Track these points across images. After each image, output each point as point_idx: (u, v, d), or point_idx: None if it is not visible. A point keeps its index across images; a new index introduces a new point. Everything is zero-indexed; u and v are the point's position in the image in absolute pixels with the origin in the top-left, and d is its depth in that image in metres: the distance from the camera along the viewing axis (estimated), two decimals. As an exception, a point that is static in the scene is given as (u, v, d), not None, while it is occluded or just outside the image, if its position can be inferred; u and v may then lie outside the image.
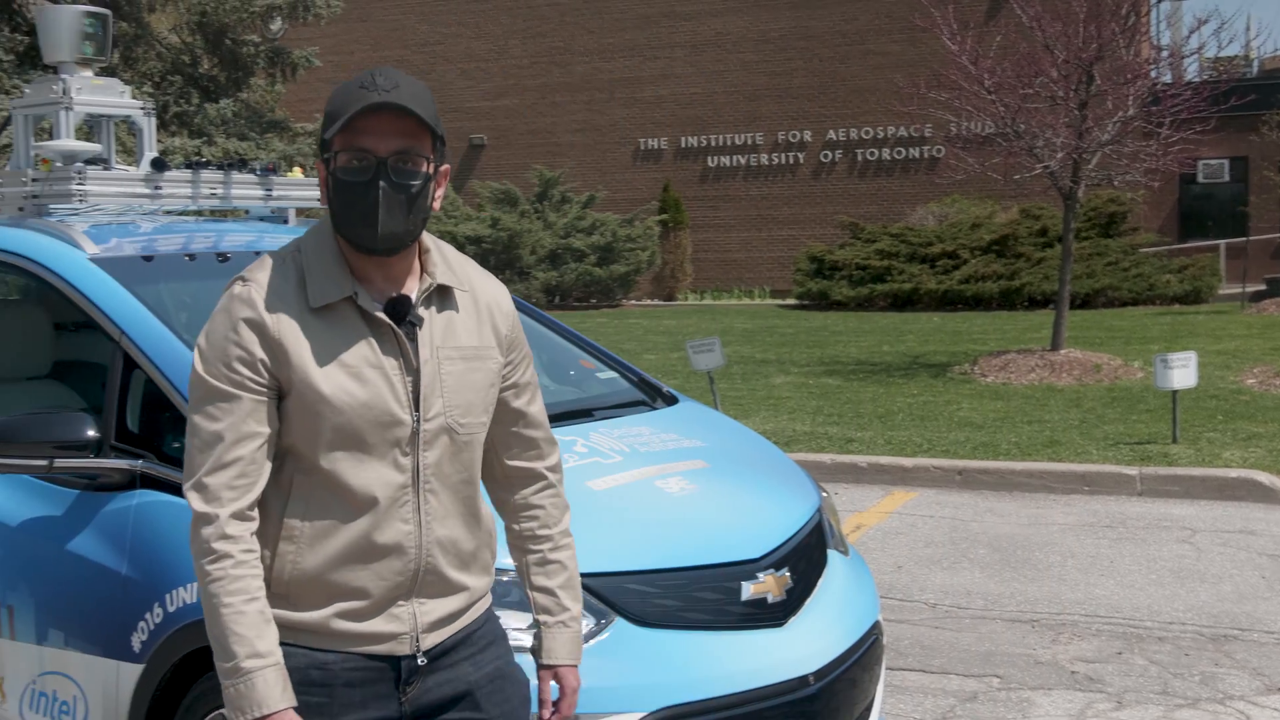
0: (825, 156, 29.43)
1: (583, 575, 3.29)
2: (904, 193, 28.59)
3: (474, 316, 2.47)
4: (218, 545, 2.29)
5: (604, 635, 3.28)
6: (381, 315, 2.35)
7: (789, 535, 3.80)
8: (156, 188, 4.81)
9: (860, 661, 3.75)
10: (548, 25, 31.29)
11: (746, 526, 3.73)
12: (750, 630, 3.47)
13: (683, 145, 30.23)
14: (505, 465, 2.60)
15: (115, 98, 5.18)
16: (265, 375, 2.31)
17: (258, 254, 4.81)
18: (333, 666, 2.37)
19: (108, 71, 5.41)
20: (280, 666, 2.29)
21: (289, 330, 2.31)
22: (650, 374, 4.99)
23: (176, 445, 3.76)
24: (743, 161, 29.94)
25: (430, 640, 2.43)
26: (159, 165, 4.84)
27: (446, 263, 2.48)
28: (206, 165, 4.98)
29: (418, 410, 2.35)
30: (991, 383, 12.98)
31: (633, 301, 28.46)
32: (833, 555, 4.03)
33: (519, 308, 5.14)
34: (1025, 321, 20.28)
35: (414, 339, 2.37)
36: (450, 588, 2.44)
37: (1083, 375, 12.96)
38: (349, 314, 2.34)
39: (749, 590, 3.51)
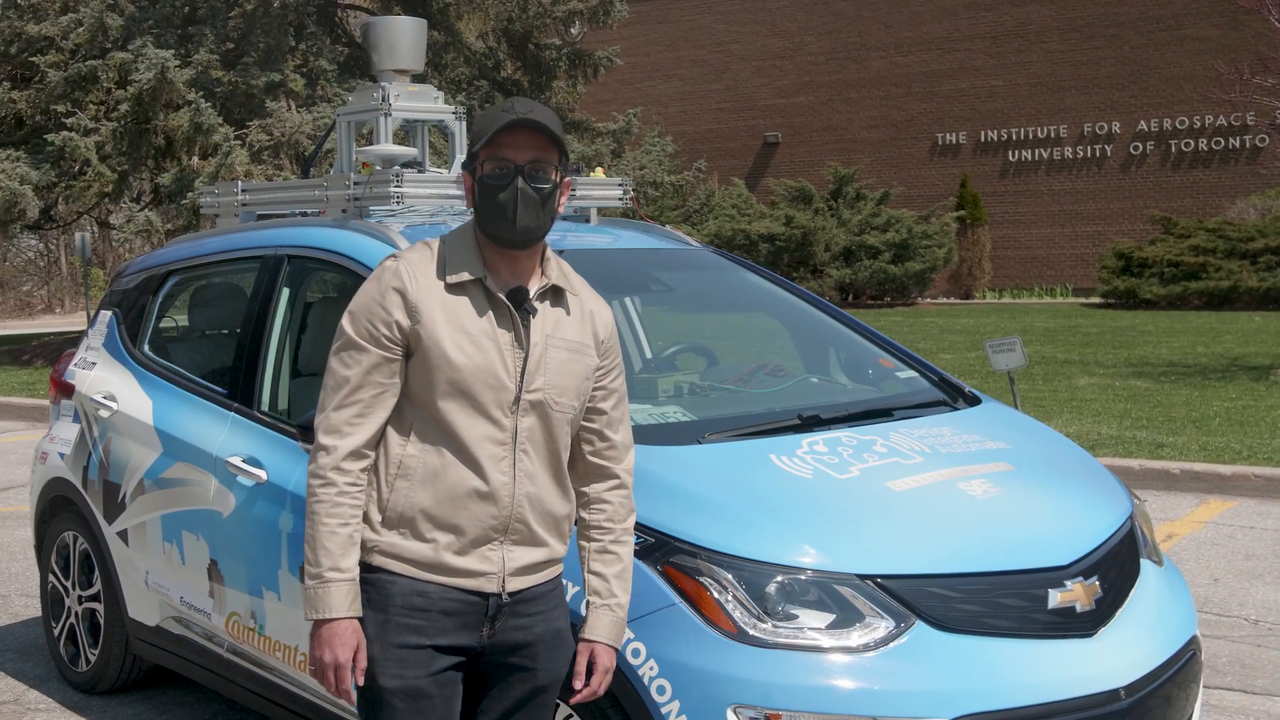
0: (1135, 148, 28.04)
1: (881, 577, 3.26)
2: (1222, 185, 26.94)
3: (579, 319, 2.91)
4: (330, 474, 2.75)
5: (903, 639, 3.20)
6: (503, 298, 2.80)
7: (1099, 542, 3.62)
8: (467, 189, 5.00)
9: (1176, 678, 3.54)
10: (843, 21, 30.99)
11: (1054, 532, 3.57)
12: (1057, 640, 3.33)
13: (982, 139, 29.39)
14: (585, 460, 2.96)
15: (429, 103, 5.41)
16: (398, 334, 2.77)
17: (560, 252, 4.97)
18: (433, 594, 2.78)
19: (421, 78, 5.65)
20: (354, 584, 2.75)
21: (426, 298, 2.77)
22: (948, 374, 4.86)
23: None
24: (1045, 155, 28.86)
25: (514, 584, 2.83)
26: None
27: (563, 272, 2.93)
28: (513, 166, 5.13)
29: (522, 381, 2.79)
30: (1321, 387, 12.07)
31: (928, 300, 27.88)
32: (1146, 565, 3.82)
33: (814, 303, 5.10)
34: (1359, 321, 18.79)
35: (528, 325, 2.81)
36: (534, 540, 2.84)
37: None
38: (477, 294, 2.81)
39: (1056, 598, 3.37)
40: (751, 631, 3.19)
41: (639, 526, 3.37)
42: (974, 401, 4.51)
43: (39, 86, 18.74)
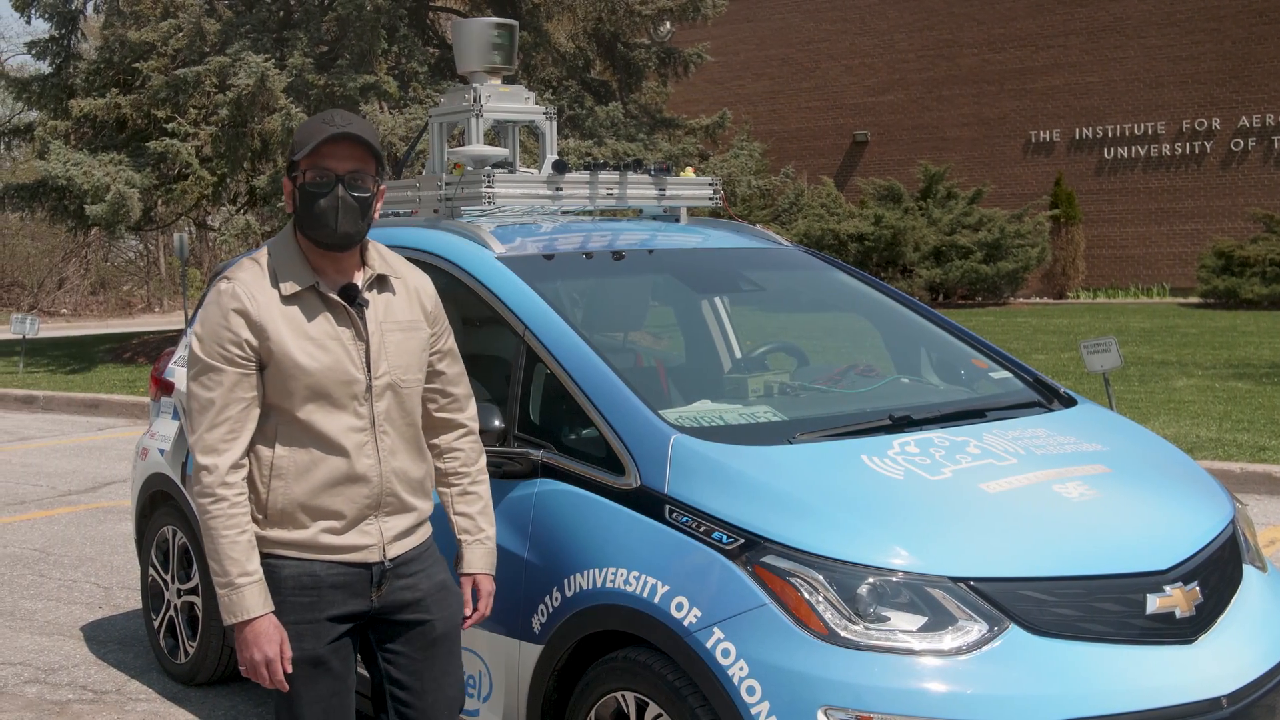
0: (1236, 145, 27.39)
1: (974, 580, 3.22)
2: (1327, 181, 26.24)
3: (406, 298, 3.17)
4: (218, 490, 2.97)
5: (997, 643, 3.15)
6: (336, 298, 3.05)
7: (1199, 547, 3.54)
8: (557, 189, 5.02)
9: (1280, 687, 3.45)
10: (935, 18, 30.65)
11: (1152, 536, 3.50)
12: (1155, 645, 3.26)
13: (1077, 137, 28.90)
14: (432, 416, 3.28)
15: (520, 104, 5.44)
16: (249, 352, 2.98)
17: (650, 252, 4.98)
18: (320, 572, 3.05)
19: (512, 79, 5.68)
20: (262, 583, 2.98)
21: (267, 314, 2.99)
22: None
23: (574, 437, 3.91)
24: (1142, 152, 28.30)
25: (394, 550, 3.13)
26: (560, 167, 5.04)
27: (383, 258, 3.18)
28: (603, 167, 5.15)
29: (369, 370, 3.05)
30: None
31: (1021, 299, 27.48)
32: (1249, 570, 3.73)
33: (905, 303, 5.06)
34: None
35: (363, 316, 3.07)
36: (405, 506, 3.15)
37: None
38: (312, 299, 3.04)
39: (1154, 603, 3.30)
40: (842, 633, 3.16)
41: (729, 526, 3.37)
42: (1069, 403, 4.43)
43: (140, 91, 19.16)
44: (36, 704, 5.34)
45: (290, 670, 3.01)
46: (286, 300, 3.02)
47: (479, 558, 3.32)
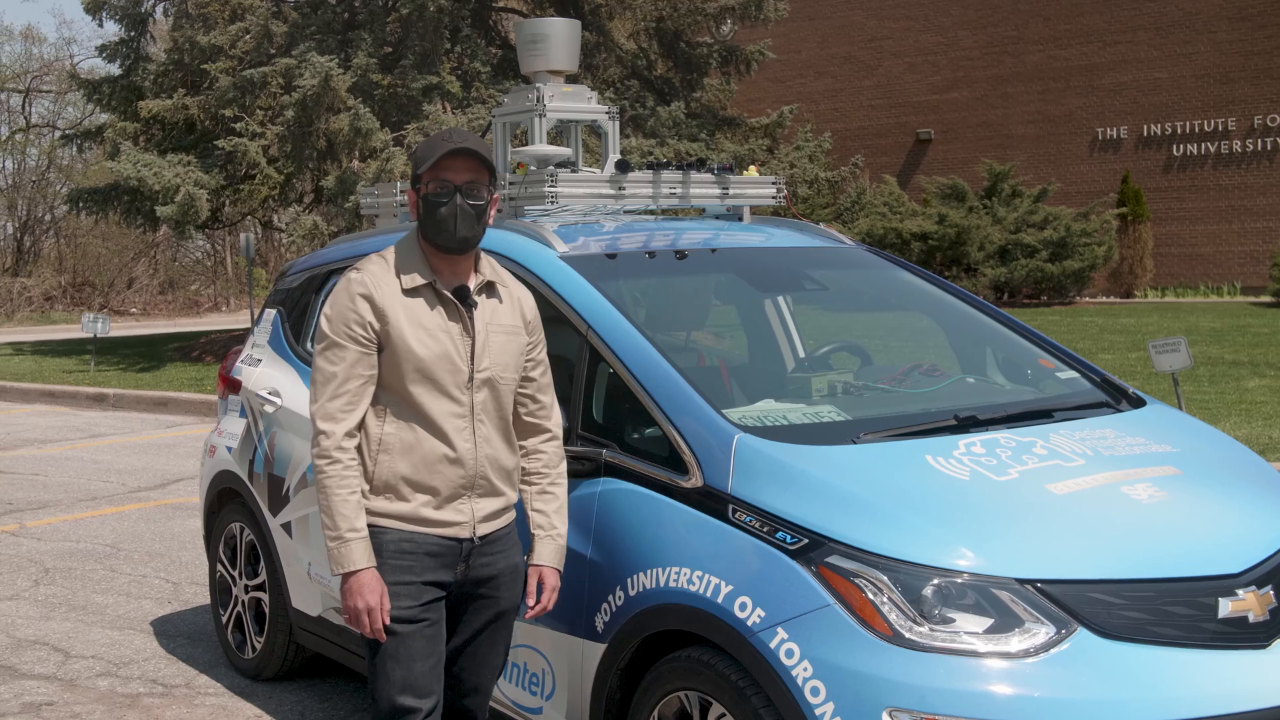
0: (1309, 140, 26.92)
1: (1041, 582, 3.18)
2: (1403, 178, 25.70)
3: (510, 305, 3.51)
4: (334, 453, 3.31)
5: (1064, 646, 3.11)
6: (450, 296, 3.39)
7: (1274, 550, 3.47)
8: (620, 188, 5.02)
9: (1358, 694, 3.38)
10: (1000, 14, 30.35)
11: (1224, 539, 3.44)
12: (1228, 650, 3.21)
13: (1145, 134, 28.50)
14: (522, 420, 3.58)
15: (583, 103, 5.45)
16: (371, 334, 3.33)
17: (714, 251, 4.97)
18: (418, 540, 3.37)
19: (574, 79, 5.69)
20: (367, 540, 3.30)
21: (389, 302, 3.34)
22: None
23: (637, 436, 3.91)
24: (1212, 149, 27.86)
25: (483, 529, 3.44)
26: (623, 167, 5.04)
27: (493, 268, 3.54)
28: (666, 166, 5.14)
29: (473, 363, 3.38)
30: None
31: (1087, 299, 27.16)
32: (1324, 576, 3.65)
33: (970, 302, 5.01)
34: None
35: (472, 315, 3.40)
36: (495, 491, 3.46)
37: None
38: (429, 294, 3.39)
39: (1227, 607, 3.25)
40: (907, 634, 3.14)
41: (793, 526, 3.36)
42: (1138, 403, 4.37)
43: (208, 93, 19.42)
44: (108, 697, 5.43)
45: (388, 623, 3.30)
46: (407, 293, 3.37)
47: (549, 552, 3.55)
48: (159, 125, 20.33)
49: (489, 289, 3.49)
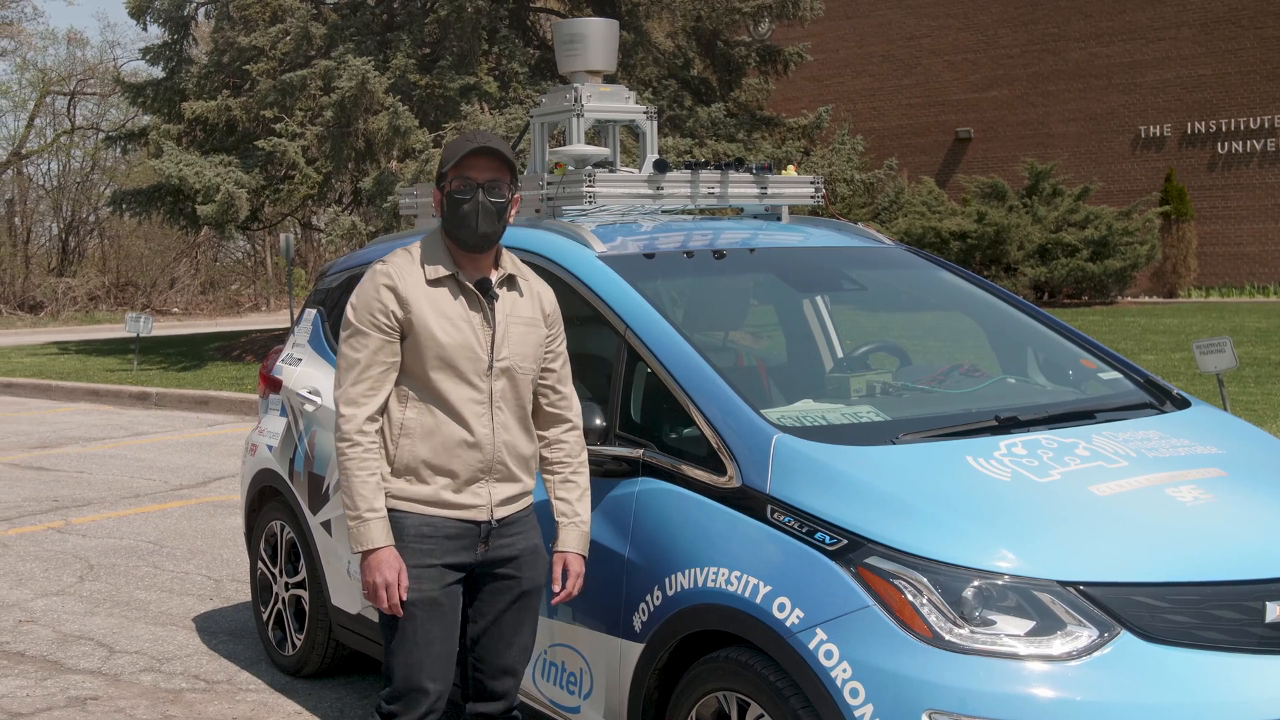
0: (1356, 138, 26.58)
1: (1084, 584, 3.15)
2: None
3: (529, 299, 3.63)
4: (355, 436, 3.43)
5: (1107, 649, 3.08)
6: (472, 287, 3.51)
7: (1321, 554, 3.43)
8: (658, 188, 5.02)
9: None
10: (1040, 11, 30.13)
11: (1271, 541, 3.38)
12: (1276, 655, 3.16)
13: (1189, 131, 28.22)
14: (543, 411, 3.69)
15: (621, 103, 5.45)
16: (394, 322, 3.45)
17: (752, 251, 4.95)
18: (437, 523, 3.48)
19: (611, 79, 5.69)
20: (386, 520, 3.42)
21: (413, 292, 3.46)
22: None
23: (675, 436, 3.90)
24: (1258, 146, 27.54)
25: (500, 513, 3.55)
26: (661, 167, 5.04)
27: (514, 263, 3.66)
28: (704, 165, 5.13)
29: (492, 352, 3.49)
30: None
31: (1129, 298, 26.92)
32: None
33: (1011, 302, 4.98)
34: None
35: (493, 308, 3.52)
36: (512, 477, 3.56)
37: None
38: (452, 286, 3.51)
39: (1275, 611, 3.20)
40: (947, 636, 3.12)
41: (832, 527, 3.35)
42: (1182, 404, 4.33)
43: (249, 94, 19.56)
44: (152, 692, 5.48)
45: (406, 598, 3.42)
46: (430, 284, 3.49)
47: (573, 539, 3.65)
48: (201, 126, 20.50)
49: (509, 282, 3.60)
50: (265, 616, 5.82)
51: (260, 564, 5.85)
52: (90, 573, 7.49)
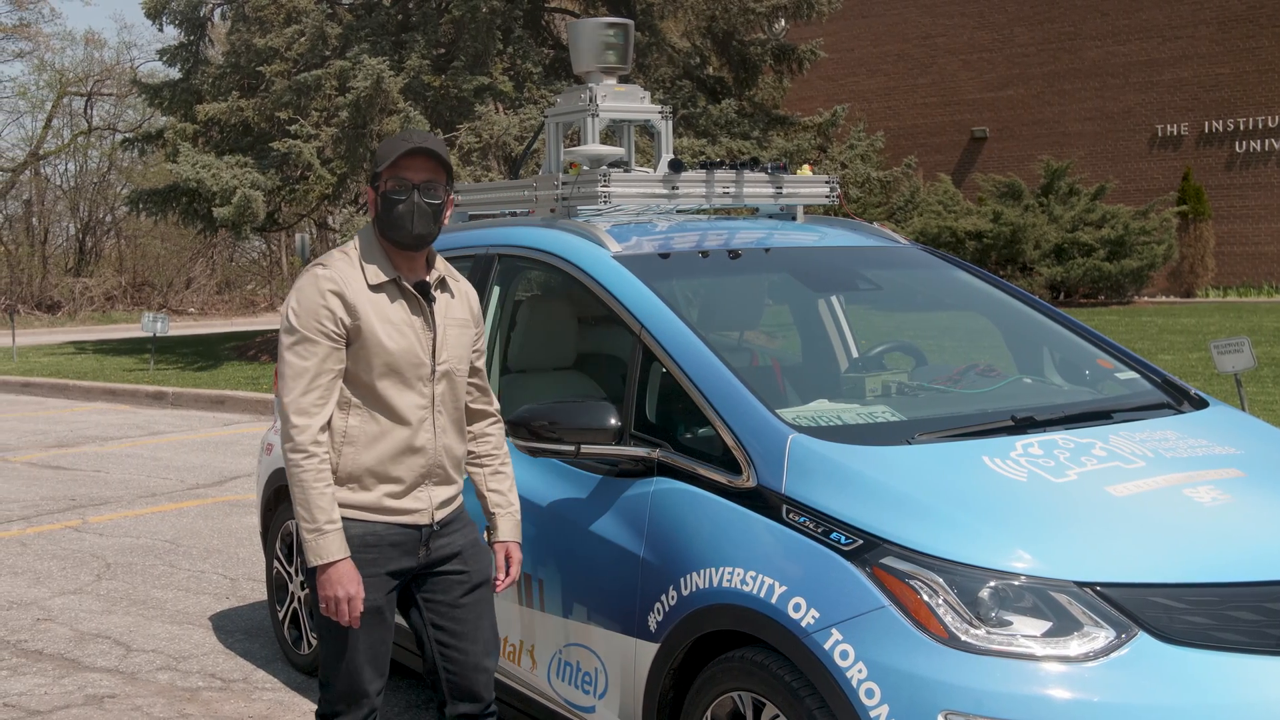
0: (1374, 136, 26.44)
1: (1101, 585, 3.14)
2: None
3: (460, 299, 3.66)
4: (310, 447, 3.38)
5: (1124, 650, 3.07)
6: (413, 290, 3.51)
7: (1340, 554, 3.40)
8: (673, 188, 5.02)
9: None
10: (1056, 10, 30.05)
11: (1290, 542, 3.37)
12: (1294, 657, 3.15)
13: (1206, 130, 28.12)
14: (469, 407, 3.74)
15: (636, 103, 5.45)
16: (342, 329, 3.41)
17: (767, 251, 4.95)
18: (380, 532, 3.49)
19: (626, 79, 5.69)
20: (342, 531, 3.39)
21: (358, 298, 3.43)
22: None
23: (690, 436, 3.90)
24: (1276, 146, 27.41)
25: (440, 515, 3.59)
26: (676, 166, 5.03)
27: (443, 263, 3.66)
28: (720, 165, 5.13)
29: (434, 356, 3.51)
30: None
31: (1145, 298, 26.83)
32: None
33: (1027, 302, 4.96)
34: None
35: (433, 311, 3.54)
36: (450, 479, 3.62)
37: None
38: (393, 290, 3.49)
39: (1293, 613, 3.18)
40: (963, 637, 3.11)
41: (847, 527, 3.34)
42: (1200, 404, 4.31)
43: (264, 95, 19.60)
44: (168, 690, 5.49)
45: (361, 610, 3.42)
46: (373, 288, 3.47)
47: (509, 528, 3.76)
48: (216, 127, 20.55)
49: (442, 284, 3.62)
50: (281, 615, 5.83)
51: (276, 563, 5.86)
52: (107, 571, 7.52)
